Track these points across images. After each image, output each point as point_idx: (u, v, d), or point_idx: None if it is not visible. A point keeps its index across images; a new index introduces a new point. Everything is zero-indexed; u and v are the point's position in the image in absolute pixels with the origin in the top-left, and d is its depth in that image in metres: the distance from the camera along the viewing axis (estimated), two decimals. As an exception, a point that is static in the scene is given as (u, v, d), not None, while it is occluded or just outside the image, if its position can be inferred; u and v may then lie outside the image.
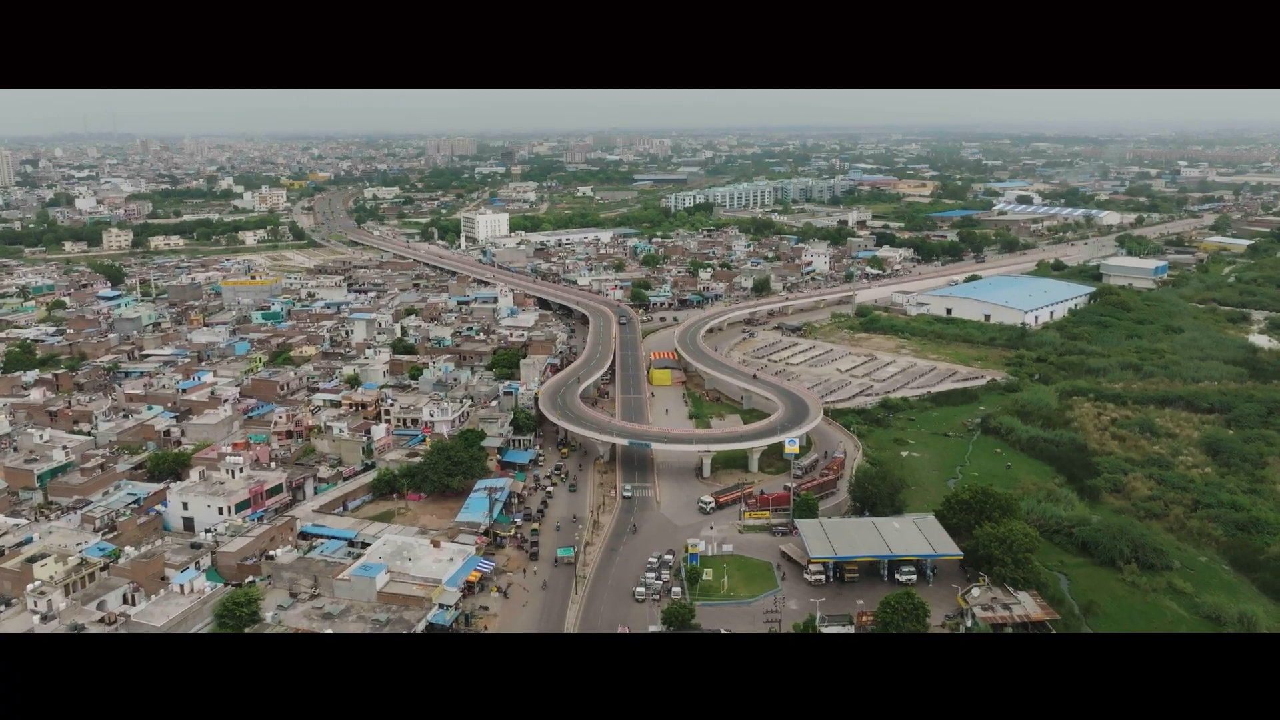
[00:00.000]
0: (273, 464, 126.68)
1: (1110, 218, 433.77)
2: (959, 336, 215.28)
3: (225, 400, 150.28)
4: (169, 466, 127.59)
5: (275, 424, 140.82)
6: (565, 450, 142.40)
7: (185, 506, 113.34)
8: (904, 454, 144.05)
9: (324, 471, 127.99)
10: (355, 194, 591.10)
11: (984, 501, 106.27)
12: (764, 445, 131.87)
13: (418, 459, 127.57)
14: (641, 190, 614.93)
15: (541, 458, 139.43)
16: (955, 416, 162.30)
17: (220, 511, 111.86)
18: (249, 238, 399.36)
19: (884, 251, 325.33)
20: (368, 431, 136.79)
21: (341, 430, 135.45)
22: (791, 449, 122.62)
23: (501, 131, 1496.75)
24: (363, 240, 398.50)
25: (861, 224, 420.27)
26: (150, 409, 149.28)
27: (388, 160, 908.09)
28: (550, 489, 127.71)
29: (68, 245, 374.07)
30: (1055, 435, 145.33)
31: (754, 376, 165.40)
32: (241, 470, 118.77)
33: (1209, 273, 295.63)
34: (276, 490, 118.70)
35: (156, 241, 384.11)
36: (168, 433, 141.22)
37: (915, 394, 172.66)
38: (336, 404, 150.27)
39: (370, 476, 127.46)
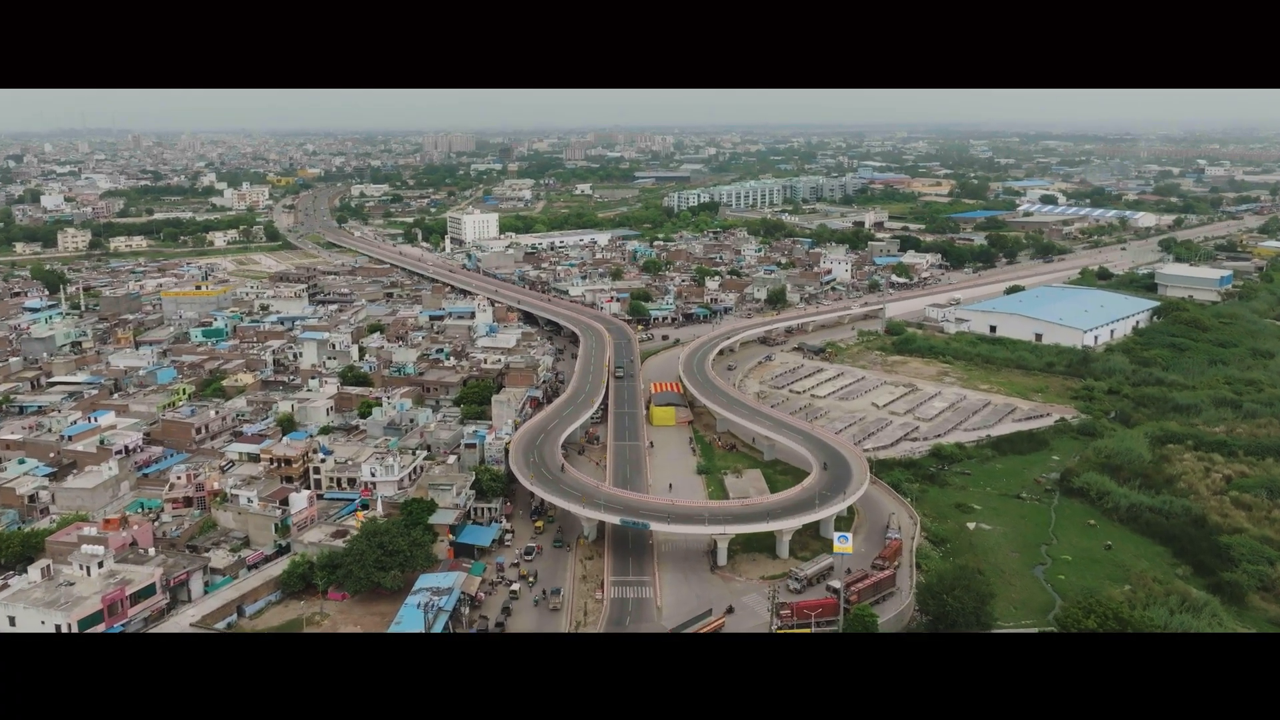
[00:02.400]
0: (152, 550, 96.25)
1: (1145, 219, 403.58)
2: (1010, 361, 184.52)
3: (116, 451, 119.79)
4: (16, 551, 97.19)
5: (172, 486, 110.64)
6: (540, 523, 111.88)
7: (12, 622, 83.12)
8: (970, 526, 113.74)
9: (220, 559, 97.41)
10: (343, 191, 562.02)
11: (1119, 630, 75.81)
12: (797, 526, 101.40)
13: (344, 541, 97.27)
14: (643, 189, 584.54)
15: (509, 536, 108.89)
16: (1024, 469, 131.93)
17: (59, 629, 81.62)
18: (218, 239, 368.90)
19: (909, 257, 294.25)
20: (284, 501, 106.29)
21: (250, 500, 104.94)
22: (843, 547, 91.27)
23: (502, 128, 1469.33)
24: (342, 242, 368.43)
25: (879, 225, 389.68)
26: (21, 463, 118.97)
27: (383, 156, 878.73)
28: (514, 588, 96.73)
29: (19, 246, 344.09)
30: (1161, 502, 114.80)
31: (824, 468, 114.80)
32: (101, 564, 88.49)
33: (1274, 282, 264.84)
34: (147, 593, 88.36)
35: (117, 242, 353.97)
36: (34, 498, 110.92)
37: (971, 438, 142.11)
38: (255, 458, 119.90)
39: (282, 565, 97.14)
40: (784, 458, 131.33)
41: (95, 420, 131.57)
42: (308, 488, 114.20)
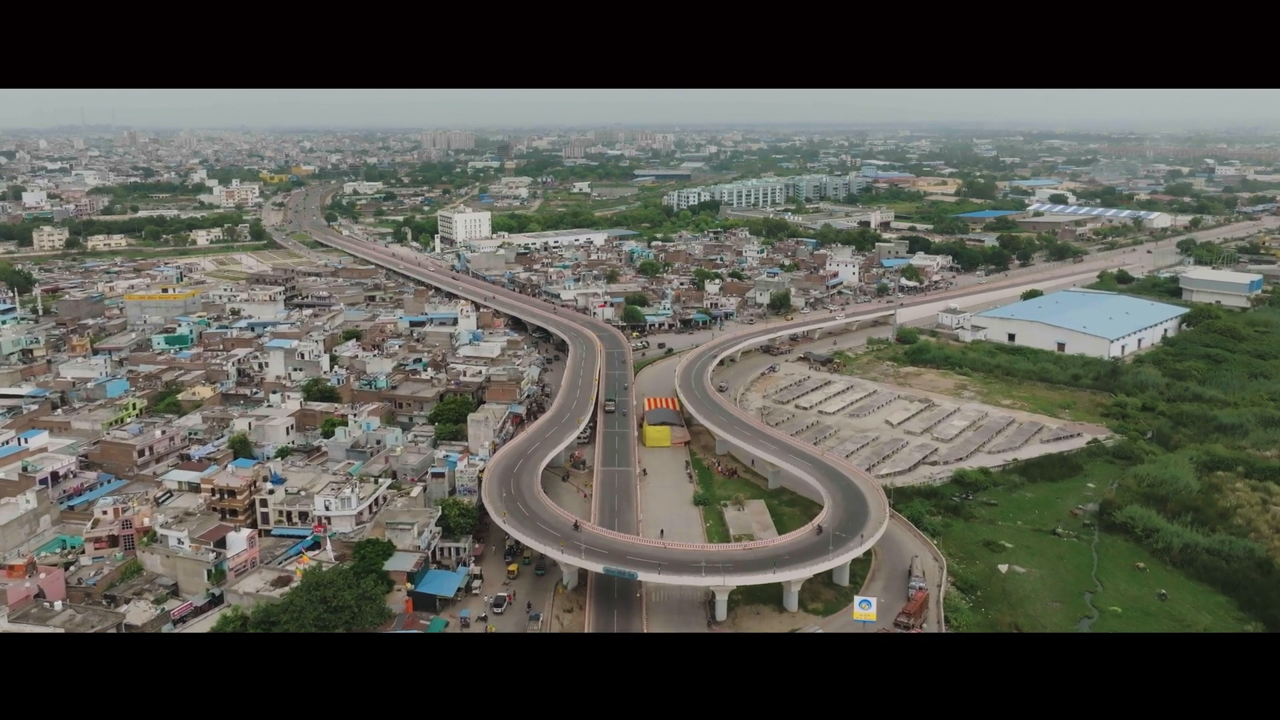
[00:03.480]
0: (60, 603, 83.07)
1: (1160, 220, 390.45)
2: (1032, 373, 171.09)
3: (41, 479, 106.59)
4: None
5: (96, 523, 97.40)
6: (514, 566, 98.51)
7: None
8: (1002, 568, 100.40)
9: (139, 613, 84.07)
10: (336, 189, 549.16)
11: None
12: (806, 576, 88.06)
13: (284, 592, 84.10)
14: (642, 187, 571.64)
15: (478, 582, 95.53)
16: (1057, 499, 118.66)
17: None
18: (201, 237, 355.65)
19: (919, 259, 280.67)
20: (220, 542, 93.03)
21: (180, 541, 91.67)
22: (865, 614, 77.68)
23: (502, 126, 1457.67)
24: (329, 241, 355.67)
25: (886, 225, 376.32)
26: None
27: (381, 154, 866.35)
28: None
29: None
30: (1218, 542, 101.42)
31: (818, 531, 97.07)
32: (-8, 625, 75.47)
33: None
34: (44, 659, 75.27)
35: (95, 241, 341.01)
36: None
37: (995, 461, 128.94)
38: (196, 487, 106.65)
39: (211, 621, 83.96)
40: (791, 485, 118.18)
41: (25, 441, 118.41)
42: (253, 523, 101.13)
